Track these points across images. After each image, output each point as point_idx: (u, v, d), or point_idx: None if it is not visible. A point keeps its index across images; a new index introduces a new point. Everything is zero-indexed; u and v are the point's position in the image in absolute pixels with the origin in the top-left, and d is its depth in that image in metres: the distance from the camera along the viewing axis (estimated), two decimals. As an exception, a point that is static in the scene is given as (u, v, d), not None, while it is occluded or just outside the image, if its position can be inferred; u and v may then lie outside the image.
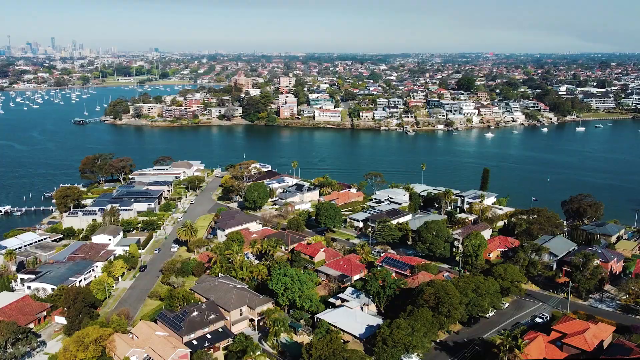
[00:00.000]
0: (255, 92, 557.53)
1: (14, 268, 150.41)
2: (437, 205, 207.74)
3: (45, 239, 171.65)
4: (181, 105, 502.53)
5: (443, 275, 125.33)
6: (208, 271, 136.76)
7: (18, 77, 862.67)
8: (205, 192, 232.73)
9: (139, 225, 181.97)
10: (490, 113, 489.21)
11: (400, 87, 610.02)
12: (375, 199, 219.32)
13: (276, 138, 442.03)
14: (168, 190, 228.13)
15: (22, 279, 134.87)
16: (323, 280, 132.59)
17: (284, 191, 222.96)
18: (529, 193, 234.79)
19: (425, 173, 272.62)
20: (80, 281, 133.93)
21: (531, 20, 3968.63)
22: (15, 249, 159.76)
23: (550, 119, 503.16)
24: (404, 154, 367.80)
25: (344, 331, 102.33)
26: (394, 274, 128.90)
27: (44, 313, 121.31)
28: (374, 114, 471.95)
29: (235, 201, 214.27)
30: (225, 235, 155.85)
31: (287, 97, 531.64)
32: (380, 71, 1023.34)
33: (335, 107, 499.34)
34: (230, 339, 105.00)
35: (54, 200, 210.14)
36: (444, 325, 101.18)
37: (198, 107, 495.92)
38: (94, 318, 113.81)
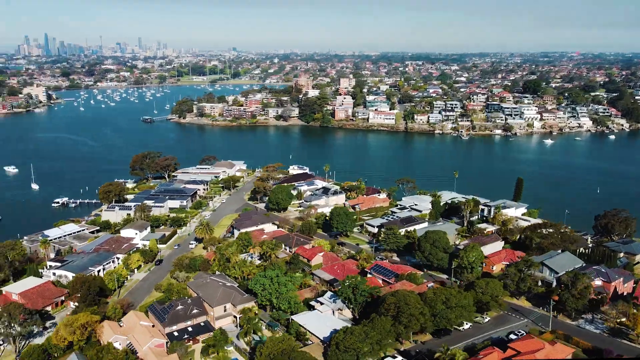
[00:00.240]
0: (314, 93, 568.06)
1: (52, 255, 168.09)
2: (461, 214, 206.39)
3: (83, 230, 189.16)
4: (242, 105, 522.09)
5: (427, 286, 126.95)
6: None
7: (102, 75, 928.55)
8: (239, 192, 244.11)
9: (167, 221, 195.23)
10: (554, 118, 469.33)
11: (462, 90, 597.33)
12: (400, 205, 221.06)
13: (327, 139, 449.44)
14: (204, 189, 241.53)
15: (50, 266, 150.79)
16: (317, 284, 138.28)
17: (312, 194, 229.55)
18: (569, 205, 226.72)
19: (461, 180, 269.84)
20: (98, 271, 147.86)
21: (623, 16, 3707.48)
22: (55, 239, 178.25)
23: (622, 125, 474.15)
24: (451, 159, 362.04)
25: (311, 333, 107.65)
26: (380, 282, 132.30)
27: (62, 298, 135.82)
28: (428, 117, 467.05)
29: (263, 202, 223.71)
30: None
31: (344, 98, 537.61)
32: (450, 71, 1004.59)
33: (390, 109, 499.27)
34: (211, 333, 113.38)
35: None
36: (401, 335, 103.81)
37: (257, 107, 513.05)
38: (101, 305, 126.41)
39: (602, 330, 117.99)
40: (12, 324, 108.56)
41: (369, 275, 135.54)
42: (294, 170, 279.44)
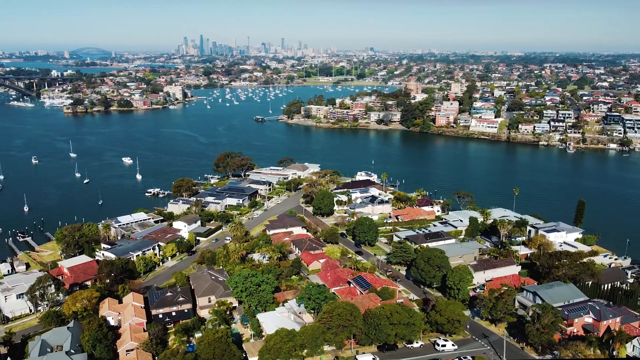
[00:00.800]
0: (422, 97, 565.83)
1: (120, 238, 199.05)
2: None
3: (149, 219, 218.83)
4: (347, 108, 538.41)
5: (396, 301, 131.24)
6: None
7: (237, 75, 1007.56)
8: (298, 195, 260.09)
9: (217, 217, 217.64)
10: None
11: (585, 97, 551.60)
12: (444, 219, 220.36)
13: (421, 146, 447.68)
14: (267, 189, 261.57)
15: (103, 248, 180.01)
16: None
17: (361, 201, 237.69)
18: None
19: (530, 198, 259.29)
20: (137, 256, 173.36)
21: None
22: (123, 224, 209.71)
23: None
24: (537, 173, 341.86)
25: (264, 331, 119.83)
26: (358, 292, 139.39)
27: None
28: (534, 126, 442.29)
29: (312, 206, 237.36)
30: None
31: (451, 103, 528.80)
32: (593, 75, 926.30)
33: (496, 116, 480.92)
34: (189, 320, 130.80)
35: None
36: (330, 343, 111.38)
37: (360, 110, 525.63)
38: (125, 284, 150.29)
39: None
40: (44, 292, 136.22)
41: (351, 285, 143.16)
42: (360, 176, 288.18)
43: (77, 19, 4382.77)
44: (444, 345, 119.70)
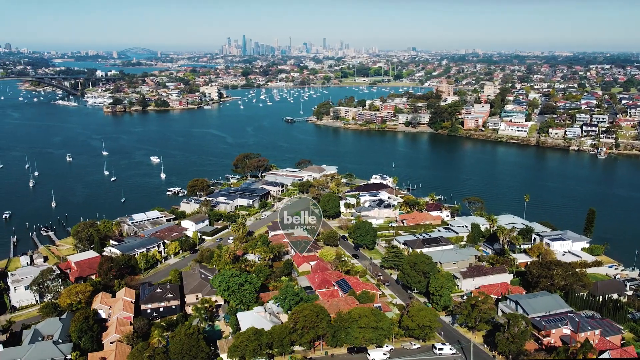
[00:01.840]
0: (454, 99, 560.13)
1: (132, 235, 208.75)
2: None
3: (161, 217, 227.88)
4: (377, 110, 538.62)
5: (373, 306, 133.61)
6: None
7: (274, 76, 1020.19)
8: (309, 197, 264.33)
9: (224, 217, 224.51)
10: None
11: (624, 101, 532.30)
12: (450, 224, 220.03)
13: (447, 149, 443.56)
14: (281, 190, 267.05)
15: (111, 244, 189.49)
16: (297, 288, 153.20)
17: (369, 205, 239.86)
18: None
19: (542, 205, 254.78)
20: (142, 253, 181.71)
21: None
22: (137, 222, 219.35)
23: None
24: (566, 180, 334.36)
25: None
26: (342, 294, 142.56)
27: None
28: (565, 131, 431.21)
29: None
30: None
31: (482, 106, 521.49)
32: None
33: (527, 120, 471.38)
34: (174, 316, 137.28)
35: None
36: (295, 343, 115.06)
37: (388, 112, 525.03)
38: (122, 279, 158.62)
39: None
40: (45, 283, 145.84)
41: (334, 288, 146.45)
42: (375, 179, 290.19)
43: (126, 19, 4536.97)
44: (441, 349, 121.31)
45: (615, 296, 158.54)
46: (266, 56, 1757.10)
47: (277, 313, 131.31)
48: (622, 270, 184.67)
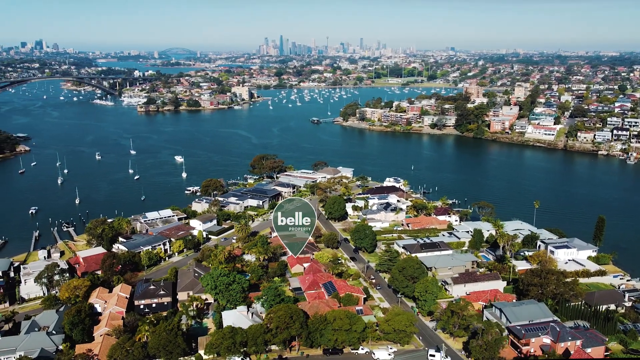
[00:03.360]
0: (482, 101, 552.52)
1: (144, 231, 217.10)
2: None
3: (173, 216, 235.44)
4: (404, 111, 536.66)
5: (355, 309, 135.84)
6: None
7: (307, 76, 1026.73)
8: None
9: (231, 217, 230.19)
10: None
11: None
12: (455, 229, 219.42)
13: (470, 152, 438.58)
14: (292, 192, 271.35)
15: (120, 241, 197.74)
16: (289, 289, 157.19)
17: (377, 208, 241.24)
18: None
19: (555, 211, 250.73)
20: (147, 250, 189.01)
21: None
22: (149, 220, 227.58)
23: None
24: (588, 186, 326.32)
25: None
26: (327, 297, 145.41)
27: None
28: (594, 135, 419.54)
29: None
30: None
31: (510, 108, 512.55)
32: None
33: (555, 123, 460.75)
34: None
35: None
36: (269, 342, 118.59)
37: (414, 114, 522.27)
38: (120, 275, 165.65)
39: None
40: (51, 277, 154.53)
41: (322, 290, 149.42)
42: (389, 182, 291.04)
43: (167, 20, 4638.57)
44: (432, 355, 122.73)
45: (612, 307, 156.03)
46: (302, 56, 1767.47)
47: (260, 313, 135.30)
48: (627, 281, 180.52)
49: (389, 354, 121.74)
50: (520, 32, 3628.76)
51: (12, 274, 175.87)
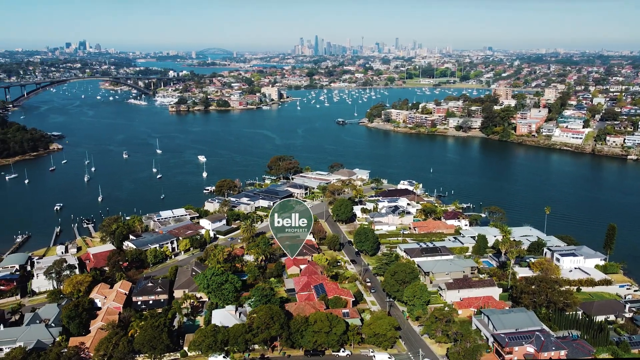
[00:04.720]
0: (511, 103, 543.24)
1: (157, 229, 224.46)
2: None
3: (185, 215, 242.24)
4: (430, 113, 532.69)
5: (342, 312, 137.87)
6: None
7: (338, 76, 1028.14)
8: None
9: (240, 217, 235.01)
10: None
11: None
12: (462, 234, 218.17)
13: (495, 155, 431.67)
14: (305, 193, 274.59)
15: (130, 238, 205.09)
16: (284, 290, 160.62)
17: (386, 211, 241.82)
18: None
19: (569, 218, 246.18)
20: (154, 248, 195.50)
21: None
22: (162, 219, 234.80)
23: None
24: (610, 192, 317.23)
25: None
26: (316, 299, 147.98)
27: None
28: (624, 139, 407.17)
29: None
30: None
31: (539, 111, 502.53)
32: None
33: (584, 126, 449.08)
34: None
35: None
36: (250, 342, 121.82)
37: (440, 116, 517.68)
38: (123, 272, 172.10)
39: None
40: (59, 272, 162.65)
41: (313, 292, 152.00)
42: (402, 185, 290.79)
43: (205, 20, 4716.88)
44: None
45: (612, 317, 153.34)
46: (336, 56, 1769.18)
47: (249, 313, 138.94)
48: (635, 291, 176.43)
49: (389, 356, 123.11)
50: (562, 31, 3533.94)
51: (28, 268, 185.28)
